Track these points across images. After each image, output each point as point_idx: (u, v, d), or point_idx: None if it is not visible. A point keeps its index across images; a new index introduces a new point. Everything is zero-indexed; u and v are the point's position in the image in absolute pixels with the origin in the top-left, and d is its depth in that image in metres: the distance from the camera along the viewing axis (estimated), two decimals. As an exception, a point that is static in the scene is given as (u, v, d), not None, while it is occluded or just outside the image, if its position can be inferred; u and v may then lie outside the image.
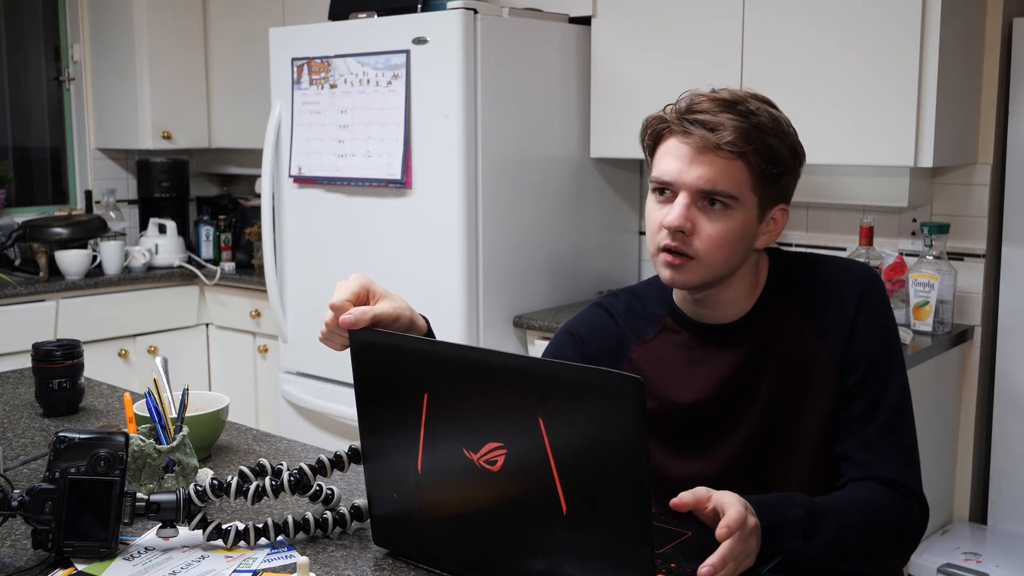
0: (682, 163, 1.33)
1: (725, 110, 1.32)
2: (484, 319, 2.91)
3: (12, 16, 4.20)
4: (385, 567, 1.26)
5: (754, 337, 1.42)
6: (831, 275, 1.43)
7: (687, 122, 1.32)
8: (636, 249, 3.43)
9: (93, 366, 2.55)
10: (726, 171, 1.32)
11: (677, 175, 1.34)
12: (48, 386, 1.89)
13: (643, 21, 2.94)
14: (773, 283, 1.45)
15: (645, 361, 1.48)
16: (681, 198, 1.34)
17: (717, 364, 1.43)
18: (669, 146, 1.36)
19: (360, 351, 1.26)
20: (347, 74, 3.01)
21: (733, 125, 1.30)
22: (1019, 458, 2.76)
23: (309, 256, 3.26)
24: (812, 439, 1.40)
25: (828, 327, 1.40)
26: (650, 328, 1.50)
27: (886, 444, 1.37)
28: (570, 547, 1.09)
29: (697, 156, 1.32)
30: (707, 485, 1.41)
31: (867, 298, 1.40)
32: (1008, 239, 2.75)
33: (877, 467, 1.36)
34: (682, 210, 1.33)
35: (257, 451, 1.72)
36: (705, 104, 1.33)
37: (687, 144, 1.33)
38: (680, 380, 1.45)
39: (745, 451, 1.42)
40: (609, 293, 1.60)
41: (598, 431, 1.03)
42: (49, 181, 4.37)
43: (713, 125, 1.31)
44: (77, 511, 1.24)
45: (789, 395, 1.40)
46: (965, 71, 2.62)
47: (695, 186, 1.33)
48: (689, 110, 1.34)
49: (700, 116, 1.32)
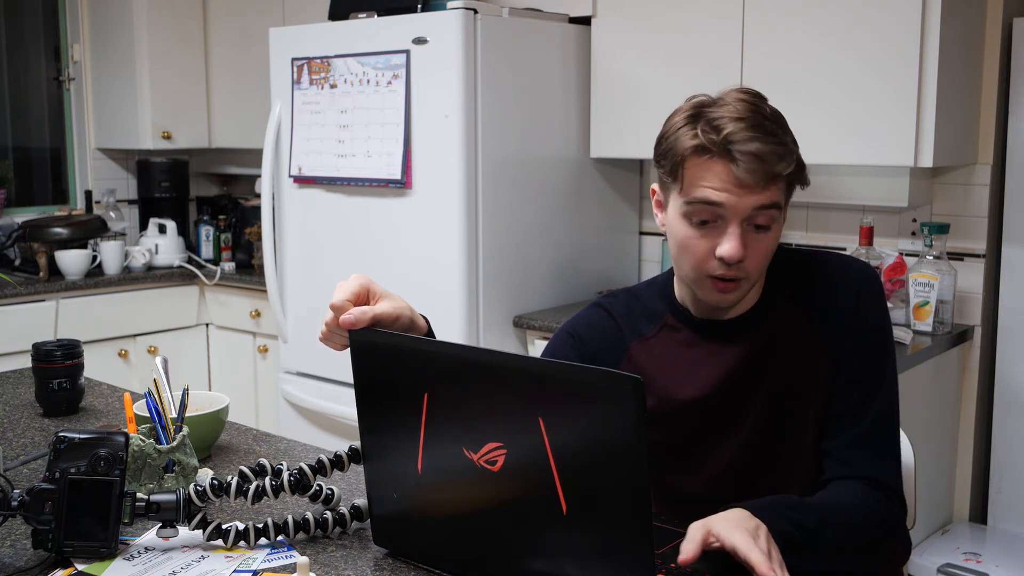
0: (732, 191, 1.29)
1: (759, 129, 1.29)
2: (484, 319, 2.91)
3: (12, 16, 4.20)
4: (385, 567, 1.26)
5: (755, 333, 1.42)
6: (830, 271, 1.43)
7: (738, 154, 1.28)
8: (636, 249, 3.43)
9: (93, 366, 2.55)
10: (772, 195, 1.31)
11: (729, 204, 1.30)
12: (48, 386, 1.89)
13: (643, 21, 2.94)
14: (774, 279, 1.45)
15: (645, 359, 1.48)
16: (734, 228, 1.31)
17: (719, 360, 1.43)
18: (711, 171, 1.31)
19: (360, 351, 1.26)
20: (347, 74, 3.01)
21: (780, 146, 1.29)
22: (1019, 458, 2.76)
23: (309, 256, 3.26)
24: (811, 436, 1.40)
25: (825, 323, 1.40)
26: (651, 326, 1.50)
27: (873, 444, 1.37)
28: (570, 547, 1.09)
29: (747, 185, 1.29)
30: (708, 484, 1.41)
31: (864, 296, 1.40)
32: (1008, 239, 2.75)
33: (863, 467, 1.36)
34: (738, 240, 1.31)
35: (257, 451, 1.72)
36: (738, 127, 1.28)
37: (735, 174, 1.29)
38: (681, 377, 1.45)
39: (746, 447, 1.42)
40: (608, 294, 1.60)
41: (598, 431, 1.03)
42: (49, 181, 4.37)
43: (765, 154, 1.28)
44: (77, 511, 1.24)
45: (789, 391, 1.41)
46: (965, 71, 2.62)
47: (746, 213, 1.31)
48: (728, 137, 1.28)
49: (747, 146, 1.28)
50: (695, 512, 1.25)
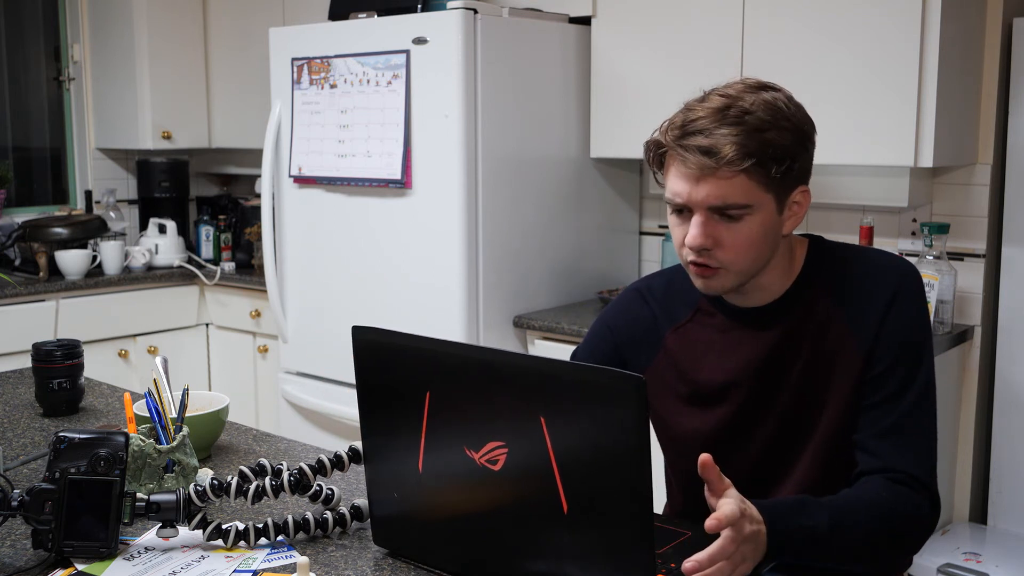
0: (688, 184, 1.33)
1: (719, 123, 1.31)
2: (484, 319, 2.91)
3: (12, 16, 4.20)
4: (385, 567, 1.26)
5: (788, 320, 1.43)
6: (869, 266, 1.44)
7: (682, 148, 1.32)
8: (636, 249, 3.43)
9: (93, 366, 2.56)
10: (732, 186, 1.32)
11: (687, 196, 1.34)
12: (48, 386, 1.89)
13: (643, 21, 2.94)
14: (809, 269, 1.45)
15: (679, 346, 1.50)
16: (697, 217, 1.34)
17: (751, 346, 1.44)
18: (675, 169, 1.36)
19: (362, 351, 1.26)
20: (347, 74, 3.01)
21: (730, 140, 1.29)
22: (1019, 458, 2.76)
23: (309, 256, 3.26)
24: (828, 428, 1.41)
25: (860, 317, 1.40)
26: (686, 311, 1.52)
27: (904, 436, 1.36)
28: (571, 547, 1.09)
29: (701, 177, 1.32)
30: (739, 468, 1.43)
31: (902, 292, 1.40)
32: (1008, 239, 2.75)
33: (893, 459, 1.35)
34: (700, 228, 1.34)
35: (257, 451, 1.72)
36: (700, 121, 1.32)
37: (688, 169, 1.33)
38: (715, 362, 1.47)
39: (776, 432, 1.43)
40: (650, 274, 1.62)
41: (599, 431, 1.03)
42: (49, 181, 4.37)
43: (708, 147, 1.30)
44: (77, 511, 1.24)
45: (818, 380, 1.41)
46: (965, 71, 2.62)
47: (706, 204, 1.33)
48: (684, 131, 1.32)
49: (695, 140, 1.31)
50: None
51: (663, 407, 1.53)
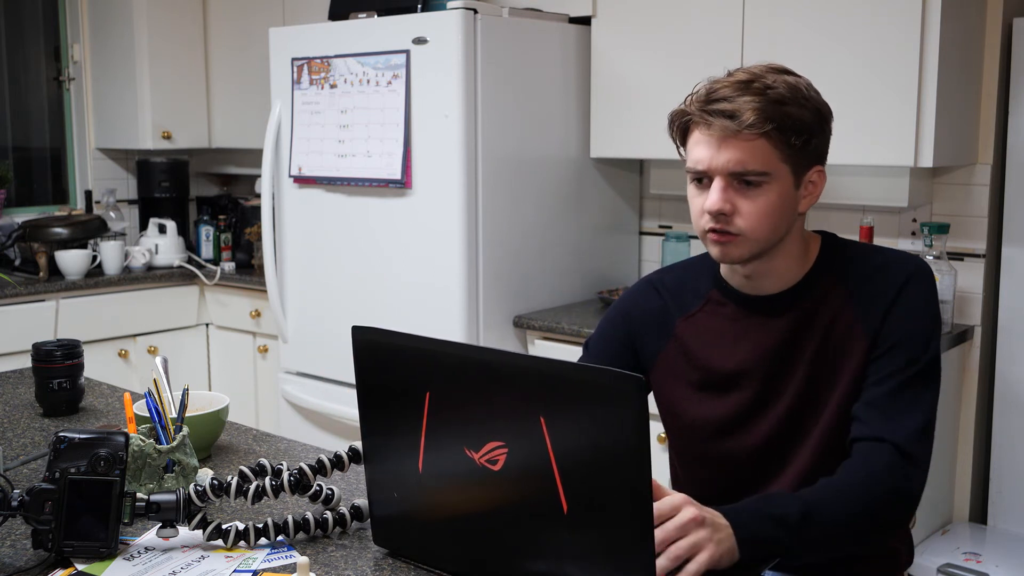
0: (710, 151, 1.38)
1: (742, 92, 1.36)
2: (484, 319, 2.91)
3: (12, 16, 4.20)
4: (385, 567, 1.26)
5: (798, 308, 1.45)
6: (881, 261, 1.46)
7: (707, 113, 1.37)
8: (636, 249, 3.43)
9: (93, 366, 2.55)
10: (753, 151, 1.36)
11: (708, 163, 1.38)
12: (48, 386, 1.89)
13: (643, 21, 2.94)
14: (823, 260, 1.48)
15: (690, 334, 1.52)
16: (716, 183, 1.38)
17: (762, 333, 1.46)
18: (696, 137, 1.40)
19: (362, 351, 1.26)
20: (347, 74, 3.01)
21: (751, 107, 1.34)
22: (1019, 458, 2.76)
23: (309, 256, 3.26)
24: (832, 416, 1.41)
25: (869, 307, 1.42)
26: (696, 301, 1.54)
27: (896, 407, 1.37)
28: (571, 547, 1.09)
29: (722, 142, 1.36)
30: (743, 454, 1.47)
31: (911, 283, 1.42)
32: (1008, 239, 2.75)
33: (877, 426, 1.36)
34: (719, 194, 1.38)
35: (257, 451, 1.72)
36: (723, 90, 1.37)
37: (711, 134, 1.37)
38: (726, 349, 1.48)
39: (785, 418, 1.44)
40: (661, 268, 1.65)
41: (599, 431, 1.03)
42: (49, 181, 4.37)
43: (731, 112, 1.35)
44: (77, 511, 1.24)
45: (827, 368, 1.43)
46: (965, 71, 2.62)
47: (726, 169, 1.37)
48: (708, 99, 1.38)
49: (718, 105, 1.36)
50: (739, 479, 1.31)
51: (673, 395, 1.54)
